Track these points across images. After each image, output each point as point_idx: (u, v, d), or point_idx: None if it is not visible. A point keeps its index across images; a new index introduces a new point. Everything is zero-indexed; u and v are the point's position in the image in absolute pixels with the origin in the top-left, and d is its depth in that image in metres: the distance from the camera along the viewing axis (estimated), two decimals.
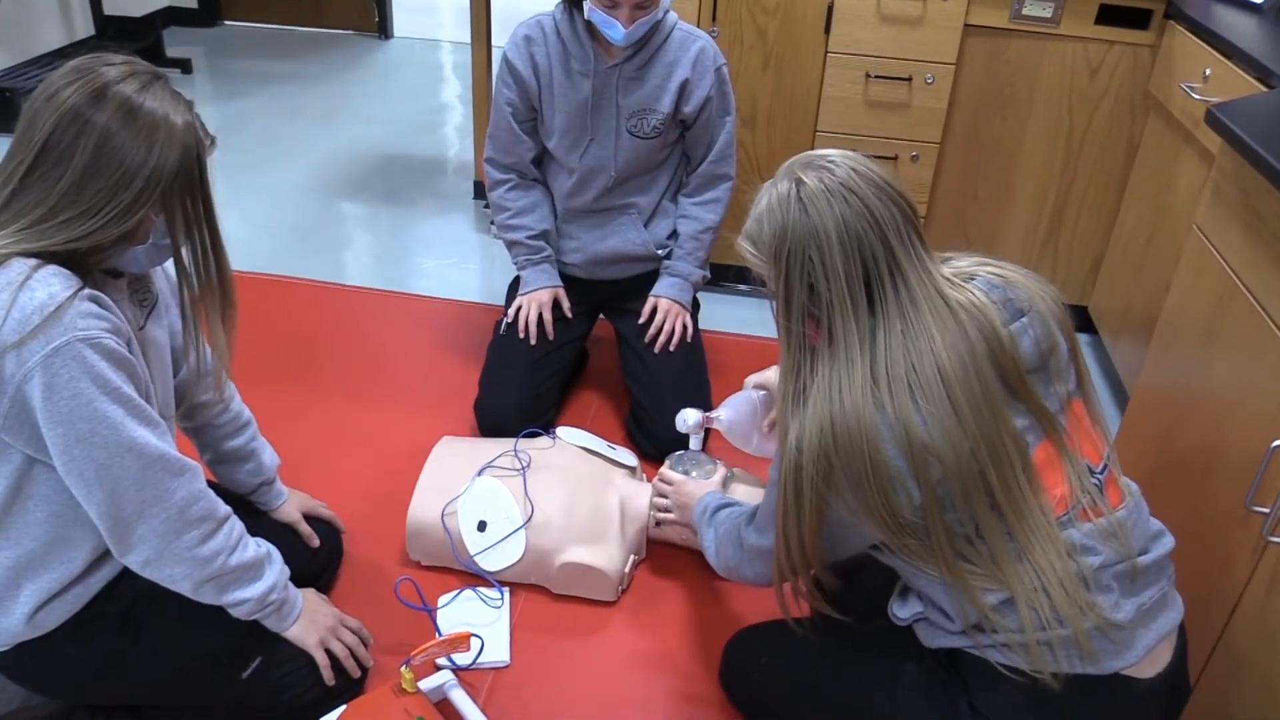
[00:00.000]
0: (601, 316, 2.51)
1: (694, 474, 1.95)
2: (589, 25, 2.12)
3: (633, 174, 2.28)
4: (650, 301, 2.34)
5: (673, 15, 2.20)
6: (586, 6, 2.07)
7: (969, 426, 1.21)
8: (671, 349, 2.30)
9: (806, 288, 1.27)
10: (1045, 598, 1.23)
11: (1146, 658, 1.28)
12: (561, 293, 2.36)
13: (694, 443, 2.01)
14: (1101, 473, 1.31)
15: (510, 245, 2.37)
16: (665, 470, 1.97)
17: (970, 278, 1.31)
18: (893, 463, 1.21)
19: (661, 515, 1.94)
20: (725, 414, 1.91)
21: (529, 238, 2.33)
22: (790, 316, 1.30)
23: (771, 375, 1.88)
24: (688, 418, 1.97)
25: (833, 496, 1.27)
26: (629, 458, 2.10)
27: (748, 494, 1.96)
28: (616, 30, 2.04)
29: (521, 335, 2.30)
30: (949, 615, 1.32)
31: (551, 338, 2.32)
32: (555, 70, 2.18)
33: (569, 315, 2.36)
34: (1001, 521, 1.24)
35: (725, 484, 1.95)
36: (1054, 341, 1.29)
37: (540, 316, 2.31)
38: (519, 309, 2.32)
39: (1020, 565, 1.24)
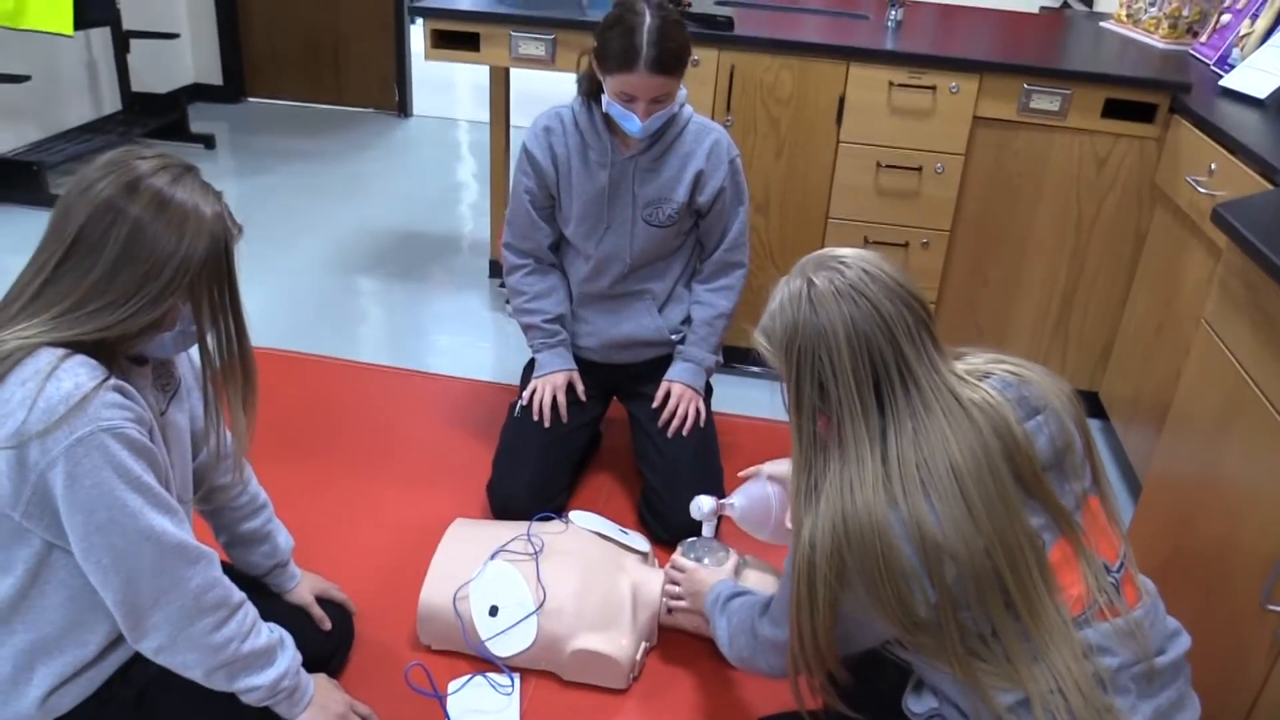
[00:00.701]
0: (615, 400, 2.53)
1: (706, 561, 1.95)
2: (606, 118, 2.17)
3: (647, 261, 2.32)
4: (664, 386, 2.36)
5: (688, 108, 2.25)
6: (605, 100, 2.12)
7: (983, 525, 1.21)
8: (685, 434, 2.31)
9: (817, 386, 1.29)
10: (1062, 699, 1.22)
11: None
12: (576, 376, 2.38)
13: (707, 529, 2.01)
14: (1118, 571, 1.31)
15: (526, 329, 2.40)
16: (677, 558, 1.97)
17: (985, 375, 1.32)
18: (907, 560, 1.21)
19: (674, 604, 1.93)
20: (739, 501, 1.91)
21: (545, 321, 2.36)
22: (801, 413, 1.32)
23: (786, 468, 1.89)
24: (702, 505, 1.98)
25: (846, 593, 1.27)
26: (641, 543, 2.10)
27: (760, 581, 1.95)
28: (634, 123, 2.09)
29: (536, 418, 2.32)
30: (964, 713, 1.31)
31: (565, 420, 2.33)
32: (574, 160, 2.23)
33: (583, 399, 2.37)
34: (1017, 622, 1.23)
35: (738, 571, 1.95)
36: (1069, 439, 1.30)
37: (555, 399, 2.33)
38: (533, 391, 2.34)
39: (1036, 666, 1.23)
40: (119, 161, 1.31)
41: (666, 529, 2.23)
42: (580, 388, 2.37)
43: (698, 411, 2.34)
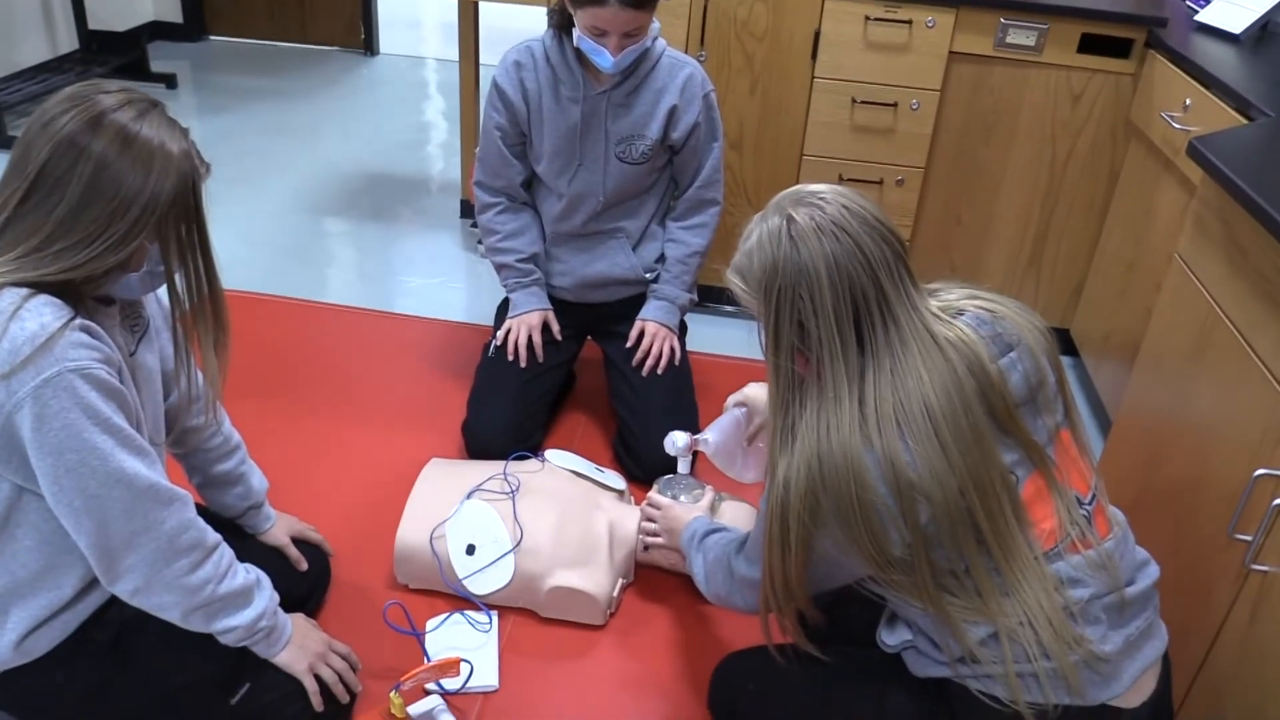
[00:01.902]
0: (589, 339, 2.52)
1: (682, 498, 1.96)
2: (578, 52, 2.13)
3: (621, 199, 2.30)
4: (638, 325, 2.35)
5: (661, 42, 2.21)
6: (575, 34, 2.08)
7: (957, 466, 1.21)
8: (660, 372, 2.31)
9: (796, 325, 1.27)
10: (1031, 632, 1.24)
11: (1133, 688, 1.29)
12: (551, 315, 2.36)
13: (682, 466, 2.02)
14: (1090, 503, 1.33)
15: (499, 268, 2.38)
16: (654, 495, 1.97)
17: (959, 313, 1.31)
18: (881, 500, 1.22)
19: (650, 540, 1.94)
20: (713, 437, 1.91)
21: (518, 260, 2.34)
22: (779, 353, 1.30)
23: (751, 391, 1.90)
24: (676, 440, 1.98)
25: (819, 532, 1.27)
26: (618, 481, 2.10)
27: (735, 518, 1.97)
28: (605, 58, 2.06)
29: (510, 358, 2.31)
30: (936, 644, 1.33)
31: (541, 360, 2.32)
32: (545, 96, 2.20)
33: (558, 338, 2.36)
34: (988, 558, 1.25)
35: (713, 508, 1.96)
36: (1042, 374, 1.30)
37: (530, 339, 2.32)
38: (508, 331, 2.33)
39: (1006, 600, 1.25)
40: (82, 96, 1.27)
41: (642, 467, 2.24)
42: (555, 327, 2.36)
43: (672, 350, 2.34)
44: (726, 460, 1.92)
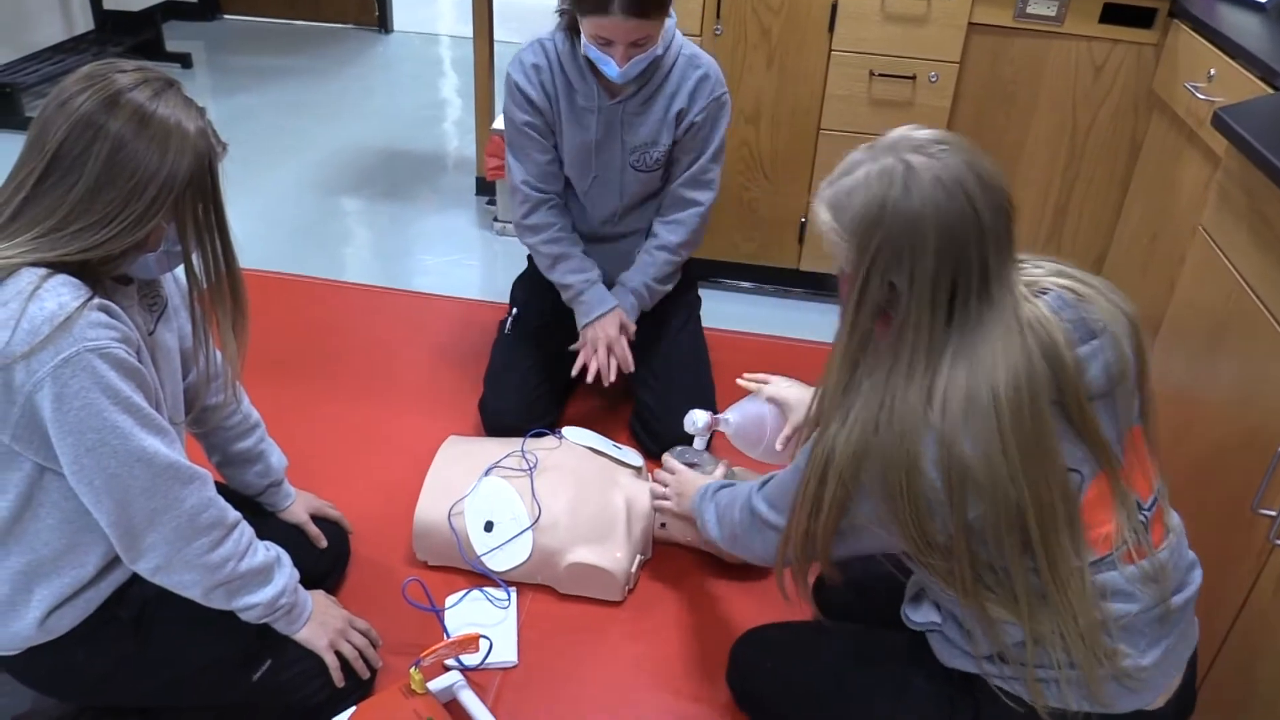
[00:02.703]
0: None
1: (696, 469, 1.95)
2: (589, 59, 2.07)
3: (636, 203, 2.26)
4: (582, 334, 2.25)
5: (679, 40, 2.14)
6: (582, 40, 2.02)
7: (1015, 465, 1.14)
8: (612, 380, 2.22)
9: (886, 284, 1.15)
10: (1061, 641, 1.20)
11: (1162, 690, 1.27)
12: (623, 312, 2.25)
13: (699, 443, 2.01)
14: (1150, 508, 1.26)
15: (562, 288, 2.29)
16: (668, 459, 1.95)
17: (1042, 291, 1.21)
18: (930, 485, 1.15)
19: (661, 504, 1.92)
20: (734, 417, 1.90)
21: (579, 281, 2.24)
22: (861, 310, 1.18)
23: (786, 391, 1.83)
24: (697, 419, 1.96)
25: (859, 498, 1.21)
26: (635, 457, 2.10)
27: None
28: (611, 68, 1.99)
29: (591, 380, 2.20)
30: (964, 630, 1.29)
31: (631, 369, 2.24)
32: (562, 102, 2.14)
33: (632, 339, 2.26)
34: (1032, 564, 1.19)
35: (727, 479, 1.95)
36: (1124, 365, 1.20)
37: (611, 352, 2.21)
38: (586, 349, 2.21)
39: (1041, 606, 1.20)
40: (98, 74, 1.26)
41: (659, 445, 2.23)
42: (631, 329, 2.25)
43: (622, 354, 2.23)
44: (747, 443, 1.90)
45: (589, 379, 2.20)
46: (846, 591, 1.45)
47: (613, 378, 2.20)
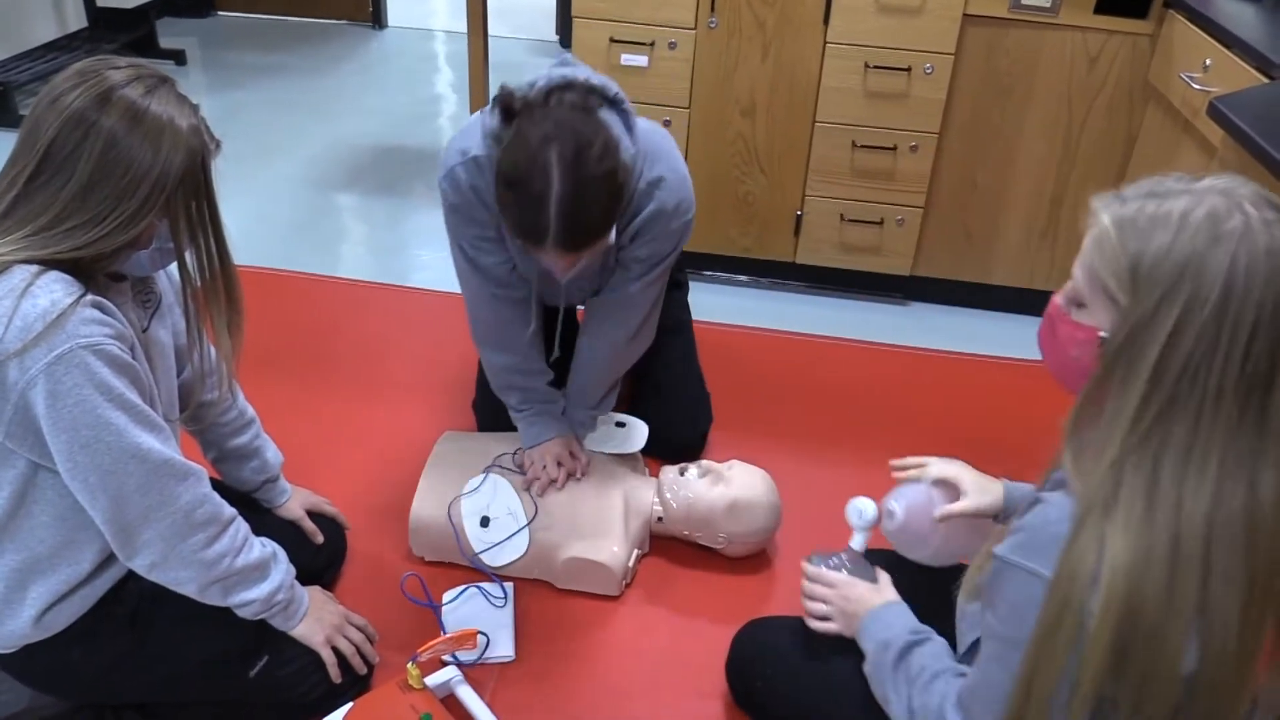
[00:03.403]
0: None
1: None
2: None
3: (586, 296, 2.06)
4: (525, 455, 2.02)
5: (642, 166, 1.77)
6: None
7: (1231, 648, 0.95)
8: (573, 481, 2.00)
9: (1182, 355, 0.95)
10: None
11: None
12: (573, 439, 2.05)
13: (857, 540, 1.56)
14: None
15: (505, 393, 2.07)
16: (823, 571, 1.52)
17: None
18: (1173, 659, 0.94)
19: (821, 625, 1.50)
20: (899, 507, 1.48)
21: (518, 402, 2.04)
22: (1160, 383, 0.96)
23: (947, 468, 1.50)
24: (865, 510, 1.54)
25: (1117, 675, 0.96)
26: (640, 429, 2.08)
27: (747, 482, 1.95)
28: (555, 273, 1.73)
29: (540, 494, 1.95)
30: None
31: (581, 476, 2.01)
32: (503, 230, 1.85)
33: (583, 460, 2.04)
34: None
35: (723, 475, 1.94)
36: None
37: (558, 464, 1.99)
38: (534, 468, 1.98)
39: None
40: (90, 71, 1.26)
41: (671, 449, 2.17)
42: (581, 454, 2.03)
43: (574, 460, 2.02)
44: (913, 543, 1.50)
45: (539, 493, 1.96)
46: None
47: (559, 488, 1.98)
